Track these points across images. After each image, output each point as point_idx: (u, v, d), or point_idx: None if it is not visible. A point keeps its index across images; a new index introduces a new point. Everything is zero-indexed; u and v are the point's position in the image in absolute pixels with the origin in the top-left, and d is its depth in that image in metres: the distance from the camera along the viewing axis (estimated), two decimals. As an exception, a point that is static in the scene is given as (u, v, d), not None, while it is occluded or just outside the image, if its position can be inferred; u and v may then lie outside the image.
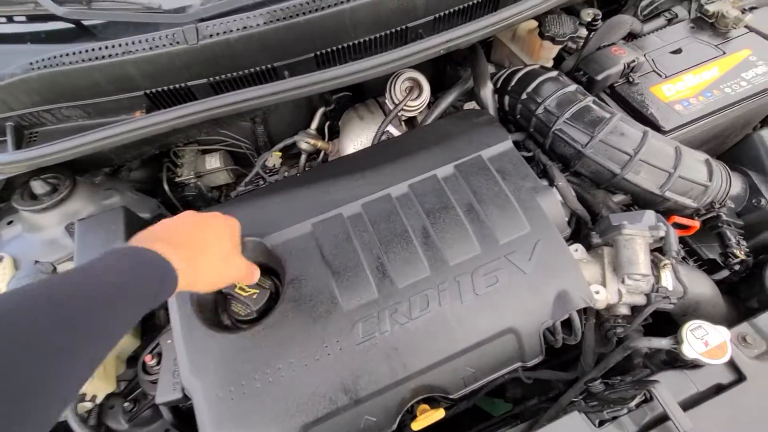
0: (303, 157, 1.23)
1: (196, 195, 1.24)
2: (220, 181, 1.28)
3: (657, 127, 0.90)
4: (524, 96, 0.93)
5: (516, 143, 0.98)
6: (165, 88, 0.85)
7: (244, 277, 0.67)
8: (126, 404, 0.92)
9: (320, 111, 1.25)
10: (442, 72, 1.32)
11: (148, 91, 0.86)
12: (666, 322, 0.87)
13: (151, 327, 0.99)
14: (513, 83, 0.97)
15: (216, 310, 0.80)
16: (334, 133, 1.29)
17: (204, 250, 0.56)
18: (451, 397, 0.73)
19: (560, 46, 1.06)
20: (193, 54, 0.81)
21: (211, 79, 0.86)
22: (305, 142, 1.20)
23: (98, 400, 0.85)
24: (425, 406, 0.78)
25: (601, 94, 1.00)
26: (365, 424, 0.69)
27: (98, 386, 0.83)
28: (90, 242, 0.79)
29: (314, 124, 1.24)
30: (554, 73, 0.94)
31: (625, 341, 0.79)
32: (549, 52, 1.09)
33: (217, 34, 0.79)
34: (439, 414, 0.71)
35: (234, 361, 0.70)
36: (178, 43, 0.79)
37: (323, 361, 0.70)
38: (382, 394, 0.69)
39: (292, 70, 0.89)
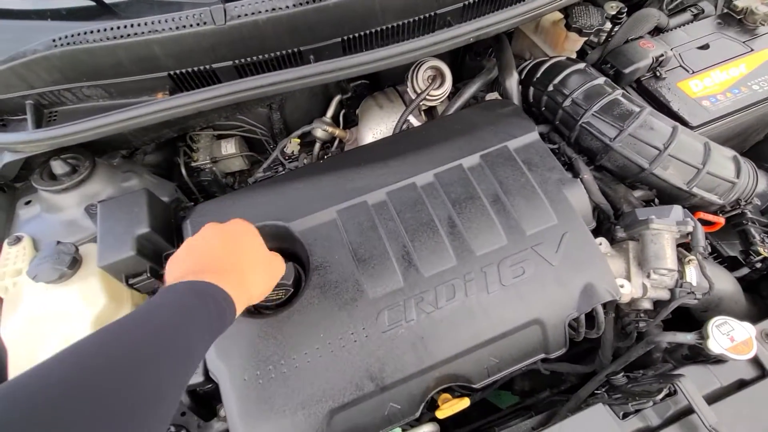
0: (317, 146, 1.23)
1: (211, 180, 1.23)
2: (235, 167, 1.27)
3: (684, 123, 0.90)
4: (551, 88, 0.92)
5: (540, 135, 0.97)
6: (189, 69, 0.84)
7: (282, 272, 0.67)
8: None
9: (336, 99, 1.23)
10: (461, 62, 1.31)
11: (172, 73, 0.84)
12: (681, 318, 0.87)
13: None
14: (539, 75, 0.96)
15: (239, 294, 0.79)
16: (350, 122, 1.28)
17: (249, 268, 0.57)
18: (474, 386, 0.74)
19: (586, 39, 1.04)
20: (220, 35, 0.79)
21: (237, 61, 0.85)
22: (322, 130, 1.19)
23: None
24: (447, 395, 0.78)
25: (627, 88, 0.99)
26: (390, 411, 0.70)
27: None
28: (112, 224, 0.78)
29: (330, 112, 1.23)
30: (582, 65, 0.93)
31: (647, 336, 0.80)
32: (574, 44, 1.08)
33: (246, 15, 0.78)
34: (464, 403, 0.72)
35: (260, 345, 0.69)
36: (205, 23, 0.77)
37: (349, 347, 0.70)
38: (407, 381, 0.70)
39: (317, 54, 0.87)
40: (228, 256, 0.56)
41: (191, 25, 0.78)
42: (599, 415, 0.69)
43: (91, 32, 0.79)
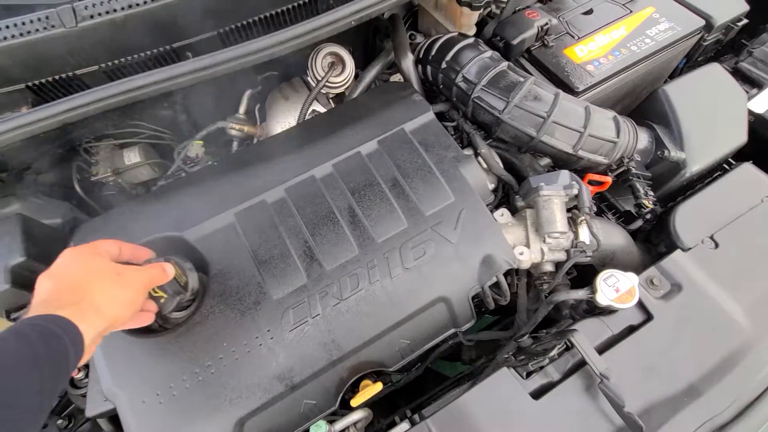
0: (235, 144, 1.17)
1: (117, 193, 1.15)
2: (143, 177, 1.19)
3: (572, 89, 0.93)
4: (444, 65, 0.92)
5: (441, 114, 0.98)
6: (49, 78, 0.77)
7: (150, 280, 0.60)
8: (60, 422, 0.87)
9: (247, 93, 1.18)
10: (372, 45, 1.29)
11: (30, 84, 0.76)
12: (593, 275, 0.93)
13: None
14: (433, 52, 0.96)
15: (138, 314, 0.75)
16: (265, 117, 1.23)
17: (90, 285, 0.53)
18: (390, 370, 0.75)
19: (478, 12, 1.05)
20: (75, 38, 0.72)
21: (103, 65, 0.78)
22: (232, 127, 1.14)
23: (22, 423, 0.80)
24: (367, 381, 0.79)
25: (519, 59, 1.01)
26: (305, 407, 0.70)
27: (18, 409, 0.77)
28: (-18, 257, 0.71)
29: (242, 108, 1.18)
30: (471, 40, 0.93)
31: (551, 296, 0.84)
32: (469, 18, 1.08)
33: (99, 14, 0.71)
34: (377, 387, 0.73)
35: (160, 364, 0.67)
36: (53, 26, 0.70)
37: (255, 352, 0.68)
38: (318, 377, 0.70)
39: (194, 50, 0.82)
40: (71, 285, 0.53)
41: (38, 30, 0.71)
42: (504, 378, 0.72)
43: None
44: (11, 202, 0.90)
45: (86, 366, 0.79)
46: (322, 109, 1.09)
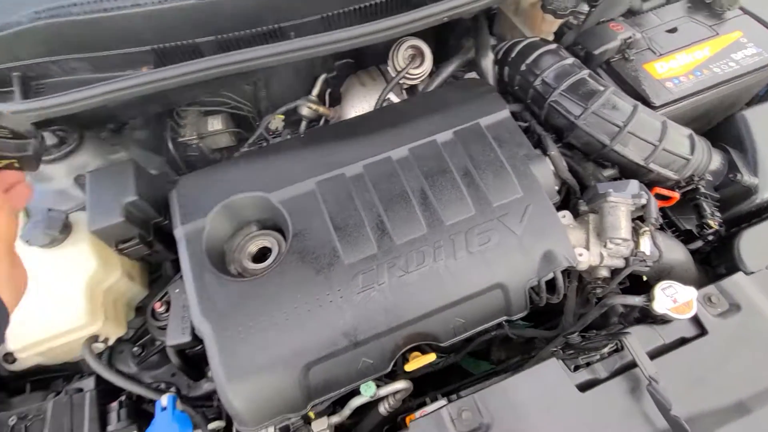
0: (303, 124, 1.26)
1: (198, 156, 1.26)
2: (222, 144, 1.30)
3: (648, 103, 0.95)
4: (523, 67, 0.96)
5: (513, 114, 1.02)
6: (173, 44, 0.86)
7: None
8: (135, 349, 0.97)
9: (322, 78, 1.26)
10: (444, 43, 1.34)
11: (155, 47, 0.87)
12: (642, 287, 0.94)
13: (158, 278, 1.04)
14: (513, 55, 0.99)
15: (224, 259, 0.84)
16: (334, 101, 1.31)
17: None
18: (441, 345, 0.80)
19: (561, 21, 1.08)
20: (202, 10, 0.82)
21: (219, 36, 0.87)
22: (307, 107, 1.22)
23: (110, 343, 0.91)
24: (417, 353, 0.85)
25: (597, 69, 1.04)
26: (363, 365, 0.76)
27: (111, 330, 0.88)
28: (101, 192, 0.81)
29: (315, 91, 1.26)
30: (554, 47, 0.97)
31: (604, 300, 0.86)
32: (550, 26, 1.11)
33: (227, -10, 0.80)
34: (430, 357, 0.78)
35: (242, 304, 0.75)
36: (188, -2, 0.80)
37: (325, 307, 0.75)
38: (378, 338, 0.76)
39: (298, 30, 0.90)
40: None
41: (174, 0, 0.80)
42: (552, 368, 0.76)
43: (74, 5, 0.81)
44: (118, 150, 1.01)
45: (167, 302, 0.89)
46: (395, 99, 1.15)
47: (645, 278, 0.92)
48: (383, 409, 0.87)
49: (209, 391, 1.01)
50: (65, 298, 0.79)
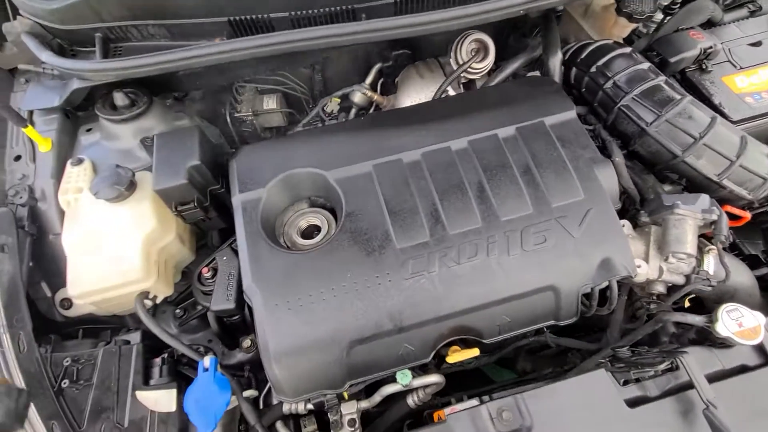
0: (354, 111, 1.26)
1: (251, 132, 1.29)
2: (274, 123, 1.32)
3: (725, 117, 0.90)
4: (593, 69, 0.93)
5: (578, 116, 0.99)
6: (248, 17, 0.88)
7: None
8: (177, 311, 1.00)
9: (377, 66, 1.26)
10: (504, 42, 1.32)
11: (231, 18, 0.89)
12: (692, 310, 0.89)
13: (203, 246, 1.07)
14: (583, 55, 0.97)
15: (275, 231, 0.85)
16: (386, 91, 1.31)
17: None
18: (484, 341, 0.78)
19: (635, 25, 1.04)
20: (281, -16, 0.83)
21: (293, 13, 0.89)
22: (361, 94, 1.23)
23: (158, 301, 0.94)
24: (456, 347, 0.83)
25: (669, 78, 0.99)
26: (404, 351, 0.75)
27: (159, 288, 0.91)
28: (167, 154, 0.84)
29: (369, 79, 1.26)
30: (628, 50, 0.93)
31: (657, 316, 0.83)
32: (622, 30, 1.08)
33: (306, -32, 0.81)
34: (474, 351, 0.77)
35: (292, 276, 0.76)
36: (268, -28, 0.82)
37: (373, 289, 0.75)
38: (423, 326, 0.75)
39: (369, 13, 0.91)
40: None
41: (255, -27, 0.82)
42: (600, 379, 0.73)
43: (161, -28, 0.84)
44: (182, 118, 1.05)
45: (214, 269, 0.91)
46: (452, 92, 1.14)
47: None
48: (411, 401, 0.86)
49: (242, 361, 1.03)
50: (124, 252, 0.82)
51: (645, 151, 0.88)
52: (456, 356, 0.76)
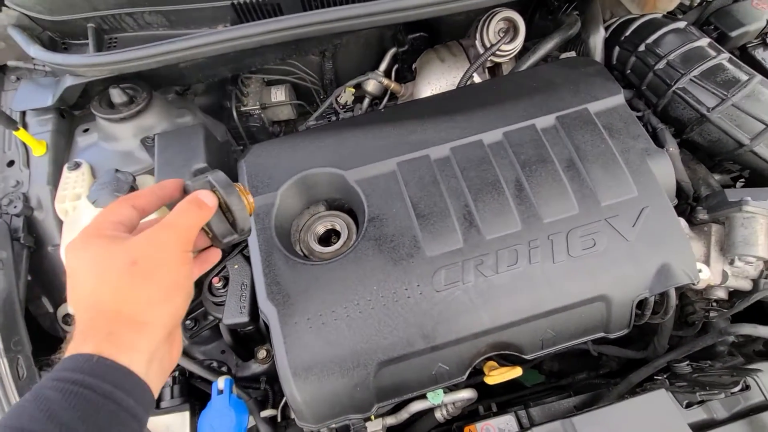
0: (367, 101, 1.17)
1: (259, 127, 1.21)
2: (283, 116, 1.24)
3: (794, 98, 0.79)
4: (642, 47, 0.83)
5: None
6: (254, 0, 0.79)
7: (187, 232, 0.43)
8: (187, 322, 0.94)
9: (391, 52, 1.17)
10: (530, 21, 1.20)
11: (235, 2, 0.80)
12: (750, 314, 0.80)
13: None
14: (628, 32, 0.86)
15: (290, 239, 0.78)
16: (402, 78, 1.21)
17: (117, 303, 0.38)
18: (525, 357, 0.71)
19: (683, -3, 0.93)
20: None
21: (302, -7, 0.79)
22: (376, 82, 1.14)
23: (166, 314, 0.87)
24: (492, 363, 0.76)
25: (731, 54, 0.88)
26: (438, 371, 0.68)
27: (167, 300, 0.84)
28: (170, 156, 0.77)
29: (383, 66, 1.17)
30: (682, 24, 0.82)
31: (717, 326, 0.74)
32: (668, 3, 0.96)
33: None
34: (516, 372, 0.69)
35: (312, 291, 0.68)
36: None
37: (402, 302, 0.67)
38: (458, 344, 0.67)
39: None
40: (91, 306, 0.38)
41: (260, -51, 0.73)
42: (661, 401, 0.65)
43: (156, -49, 0.75)
44: (185, 114, 0.96)
45: (225, 278, 0.84)
46: (477, 78, 1.04)
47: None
48: (440, 415, 0.79)
49: (257, 373, 0.97)
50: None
51: (703, 140, 0.78)
52: (496, 377, 0.68)
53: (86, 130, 0.93)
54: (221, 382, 0.73)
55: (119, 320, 0.37)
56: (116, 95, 0.86)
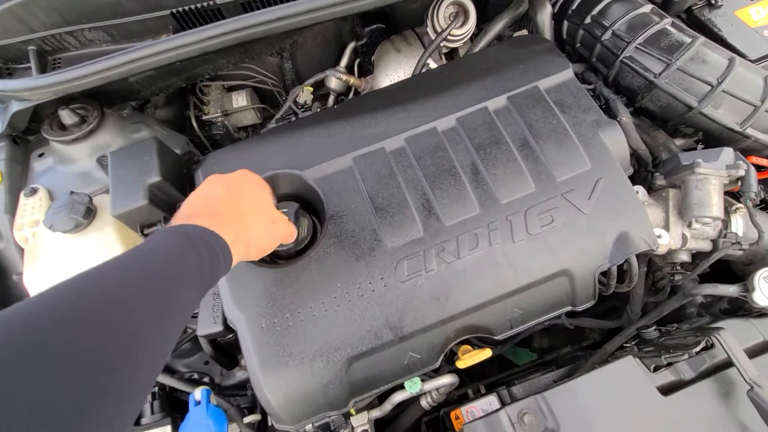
0: (332, 98, 1.16)
1: (223, 134, 1.20)
2: (247, 121, 1.23)
3: (741, 56, 0.79)
4: (588, 20, 0.82)
5: (575, 75, 0.89)
6: (192, 6, 0.78)
7: (288, 236, 0.63)
8: (166, 337, 0.94)
9: (350, 47, 1.16)
10: (484, 2, 1.20)
11: (174, 11, 0.79)
12: (718, 273, 0.81)
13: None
14: (575, 6, 0.86)
15: (254, 245, 0.77)
16: (365, 72, 1.20)
17: (252, 219, 0.53)
18: (496, 338, 0.71)
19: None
20: (223, -35, 0.72)
21: (242, -4, 0.78)
22: (336, 78, 1.13)
23: (141, 331, 0.87)
24: (466, 347, 0.76)
25: (675, 18, 0.88)
26: (409, 360, 0.68)
27: (140, 317, 0.84)
28: (124, 174, 0.76)
29: (344, 61, 1.16)
30: (625, -8, 0.82)
31: (683, 289, 0.75)
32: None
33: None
34: (486, 354, 0.70)
35: (277, 294, 0.68)
36: (206, -49, 0.71)
37: (367, 297, 0.67)
38: (426, 332, 0.68)
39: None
40: (230, 202, 0.52)
41: (191, -45, 0.71)
42: (629, 367, 0.66)
43: (86, -34, 0.73)
44: (141, 129, 0.95)
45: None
46: (433, 65, 1.03)
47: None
48: (425, 403, 0.80)
49: (243, 380, 0.97)
50: (92, 286, 0.75)
51: (655, 106, 0.78)
52: (467, 361, 0.69)
53: (41, 155, 0.91)
54: (197, 393, 0.73)
55: (245, 237, 0.50)
56: (66, 116, 0.85)
